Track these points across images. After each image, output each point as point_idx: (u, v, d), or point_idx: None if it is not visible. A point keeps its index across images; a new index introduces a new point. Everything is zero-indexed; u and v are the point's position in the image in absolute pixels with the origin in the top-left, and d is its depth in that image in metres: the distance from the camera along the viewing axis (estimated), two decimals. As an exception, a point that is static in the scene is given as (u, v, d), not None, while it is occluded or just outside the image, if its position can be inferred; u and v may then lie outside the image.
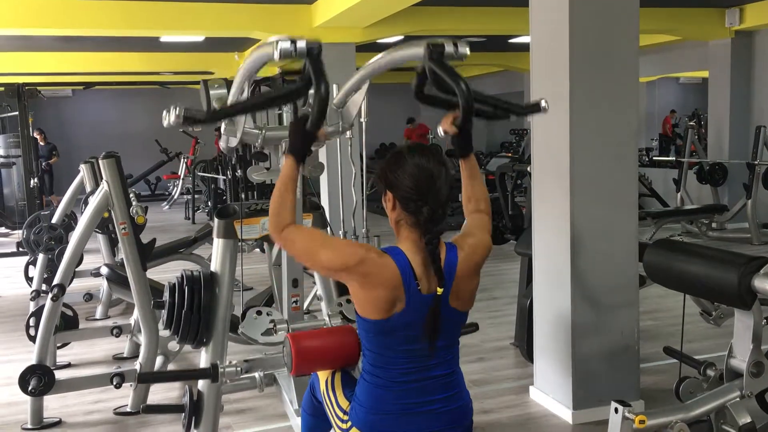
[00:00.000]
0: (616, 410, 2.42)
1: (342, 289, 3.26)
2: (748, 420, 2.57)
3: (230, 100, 2.88)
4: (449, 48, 1.98)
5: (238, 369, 2.91)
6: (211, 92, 3.01)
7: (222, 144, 3.04)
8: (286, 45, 2.00)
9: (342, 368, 2.25)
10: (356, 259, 1.87)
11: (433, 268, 1.88)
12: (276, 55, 2.01)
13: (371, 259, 1.87)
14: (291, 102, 2.35)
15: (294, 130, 1.99)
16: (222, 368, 2.87)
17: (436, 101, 2.11)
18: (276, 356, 3.10)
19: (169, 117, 2.08)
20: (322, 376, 2.26)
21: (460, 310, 1.98)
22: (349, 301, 1.99)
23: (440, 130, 2.12)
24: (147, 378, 2.87)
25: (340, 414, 2.06)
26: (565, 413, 3.74)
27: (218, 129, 2.97)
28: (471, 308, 2.04)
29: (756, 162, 8.61)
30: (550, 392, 3.89)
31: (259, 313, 3.02)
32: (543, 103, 2.34)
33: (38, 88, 11.15)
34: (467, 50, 2.02)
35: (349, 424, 2.00)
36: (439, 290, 1.87)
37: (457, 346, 2.04)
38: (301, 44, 2.00)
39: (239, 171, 9.25)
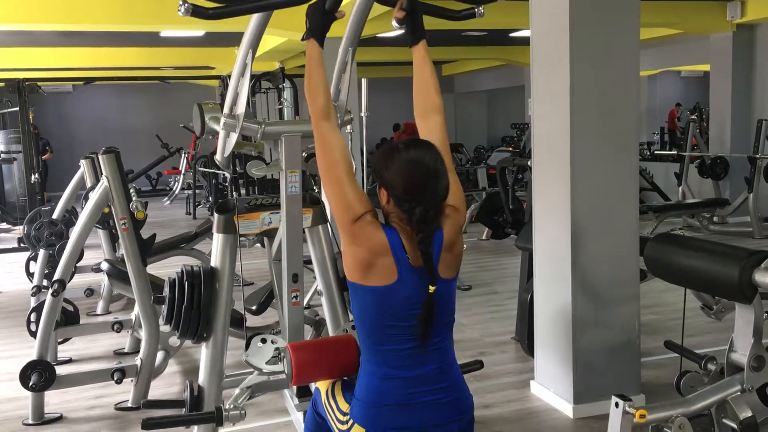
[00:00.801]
0: (617, 404, 2.42)
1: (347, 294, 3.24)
2: (749, 414, 2.57)
3: (227, 101, 2.87)
4: None
5: (242, 413, 2.95)
6: (207, 114, 3.00)
7: (218, 156, 3.03)
8: None
9: (342, 378, 2.25)
10: (353, 216, 1.89)
11: (425, 267, 1.87)
12: None
13: (365, 221, 1.88)
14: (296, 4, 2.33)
15: (313, 11, 2.04)
16: (226, 412, 2.91)
17: None
18: (278, 379, 3.09)
19: (182, 7, 2.07)
20: (323, 387, 2.25)
21: (450, 278, 1.97)
22: (354, 327, 1.99)
23: (394, 23, 2.17)
24: (153, 425, 2.94)
25: (340, 416, 2.04)
26: (565, 407, 3.74)
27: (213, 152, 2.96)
28: (459, 268, 2.03)
29: (758, 156, 8.59)
30: (550, 386, 3.89)
31: (263, 341, 3.02)
32: (480, 9, 2.45)
33: (38, 83, 11.12)
34: None
35: (350, 422, 1.98)
36: (432, 288, 1.87)
37: (450, 327, 2.02)
38: None
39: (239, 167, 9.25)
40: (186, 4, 2.05)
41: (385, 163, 1.91)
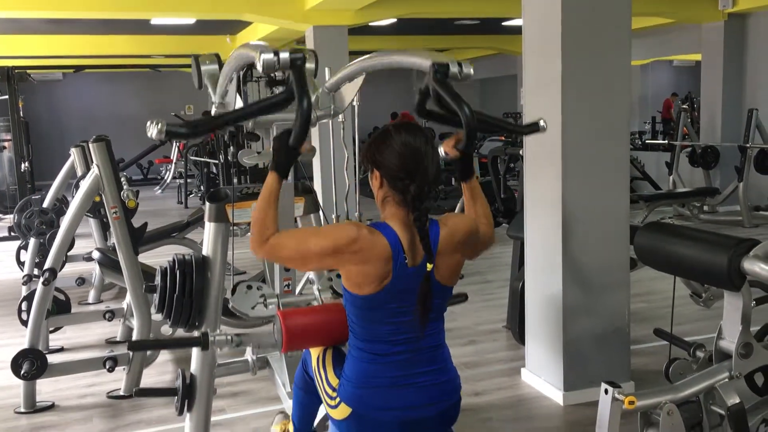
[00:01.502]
0: (606, 391, 2.44)
1: None
2: (737, 401, 2.59)
3: (218, 91, 2.87)
4: (453, 68, 1.98)
5: (229, 338, 2.90)
6: (203, 68, 3.00)
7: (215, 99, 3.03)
8: (270, 56, 2.00)
9: (333, 345, 2.26)
10: (347, 237, 1.88)
11: (422, 244, 1.90)
12: (259, 66, 2.02)
13: (363, 236, 1.89)
14: (272, 112, 2.38)
15: (277, 145, 2.00)
16: (212, 337, 2.87)
17: (438, 118, 2.12)
18: (268, 332, 3.10)
19: (152, 130, 2.06)
20: (314, 352, 2.28)
21: (444, 284, 1.99)
22: (339, 276, 1.99)
23: (441, 152, 2.12)
24: (138, 346, 2.90)
25: (330, 391, 2.07)
26: (556, 395, 3.77)
27: (208, 112, 2.96)
28: (455, 284, 2.05)
29: (748, 145, 8.62)
30: (541, 374, 3.92)
31: (249, 287, 3.03)
32: (542, 123, 2.45)
33: (28, 71, 11.06)
34: (471, 70, 2.04)
35: (338, 400, 2.01)
36: (429, 266, 1.90)
37: (442, 321, 2.06)
38: (285, 55, 2.01)
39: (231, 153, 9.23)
40: (159, 126, 2.03)
41: (379, 147, 1.95)
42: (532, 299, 3.99)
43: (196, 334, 3.13)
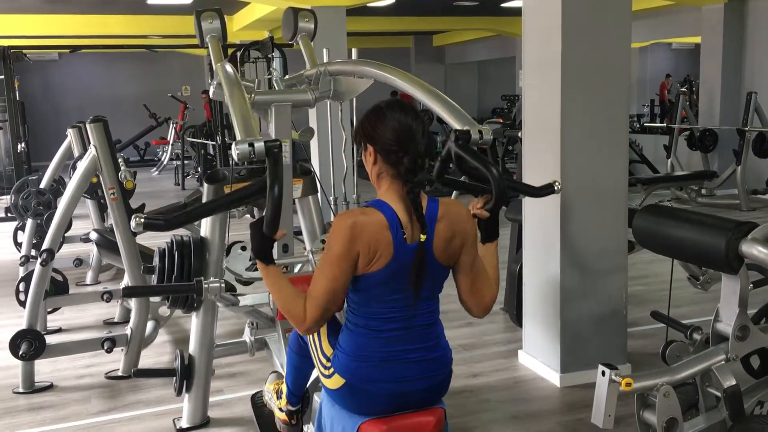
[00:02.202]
0: (603, 373, 2.45)
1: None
2: (733, 383, 2.61)
3: (214, 78, 2.87)
4: (475, 135, 2.17)
5: (222, 285, 2.91)
6: (204, 26, 3.00)
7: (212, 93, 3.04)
8: (244, 147, 2.09)
9: None
10: (345, 228, 1.89)
11: (415, 215, 1.91)
12: (235, 157, 2.12)
13: (359, 222, 1.90)
14: (248, 203, 2.46)
15: (253, 233, 2.01)
16: (206, 284, 2.87)
17: (460, 185, 2.19)
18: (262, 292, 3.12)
19: (131, 224, 2.21)
20: None
21: (442, 264, 2.00)
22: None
23: (471, 210, 2.13)
24: (133, 292, 2.92)
25: (324, 360, 2.10)
26: (553, 376, 3.79)
27: (206, 92, 2.96)
28: (451, 266, 2.05)
29: (746, 128, 8.62)
30: (538, 356, 3.94)
31: (243, 248, 3.05)
32: (557, 186, 2.79)
33: (24, 51, 10.96)
34: (491, 137, 2.24)
35: (332, 370, 2.04)
36: (422, 237, 1.91)
37: (437, 300, 2.07)
38: (260, 146, 2.10)
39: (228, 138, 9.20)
40: (138, 219, 2.19)
41: (372, 122, 1.98)
42: (530, 282, 4.00)
43: (195, 329, 3.15)
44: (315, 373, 2.39)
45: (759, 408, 2.78)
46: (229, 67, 2.71)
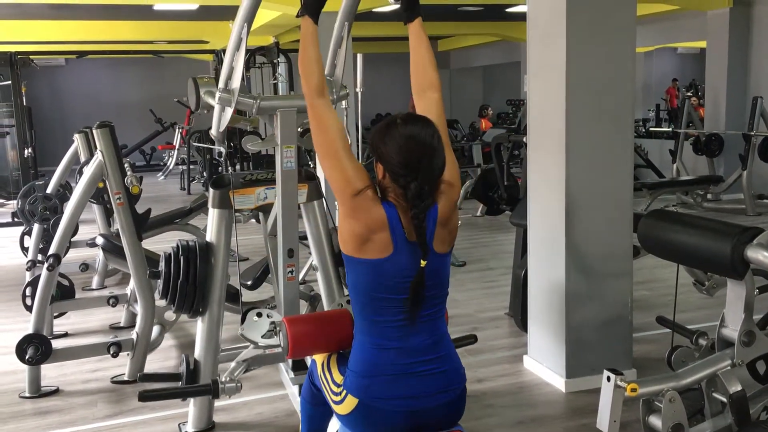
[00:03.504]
0: (609, 379, 2.45)
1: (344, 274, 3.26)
2: (739, 388, 2.60)
3: (222, 76, 2.86)
4: None
5: (238, 385, 2.97)
6: (202, 89, 2.98)
7: (213, 131, 3.02)
8: None
9: (337, 351, 2.27)
10: (354, 190, 1.90)
11: (419, 243, 1.88)
12: None
13: (366, 197, 1.90)
14: None
15: None
16: (222, 385, 2.93)
17: None
18: (274, 353, 3.11)
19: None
20: (319, 359, 2.27)
21: (445, 252, 1.99)
22: (349, 302, 2.01)
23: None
24: (148, 397, 2.97)
25: (335, 388, 2.06)
26: (558, 381, 3.78)
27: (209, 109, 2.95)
28: (454, 243, 2.05)
29: (752, 133, 8.60)
30: (543, 361, 3.93)
31: (259, 315, 3.03)
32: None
33: (31, 56, 11.03)
34: None
35: (344, 393, 2.00)
36: (423, 263, 1.89)
37: (443, 300, 2.04)
38: None
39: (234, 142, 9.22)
40: None
41: (383, 138, 1.92)
42: (535, 286, 4.00)
43: (200, 336, 3.15)
44: (332, 426, 2.35)
45: (765, 414, 2.77)
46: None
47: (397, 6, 2.20)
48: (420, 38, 2.19)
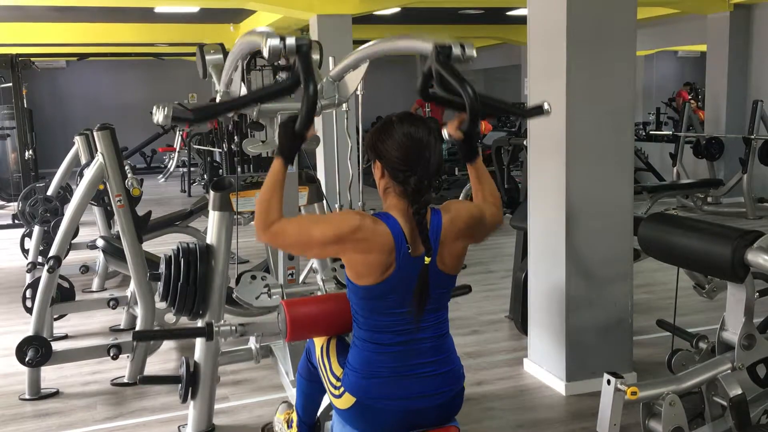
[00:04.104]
0: (609, 382, 2.45)
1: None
2: (739, 392, 2.60)
3: (223, 79, 2.87)
4: (456, 50, 2.01)
5: (233, 328, 2.93)
6: (207, 58, 3.01)
7: (221, 87, 3.03)
8: (275, 42, 2.02)
9: (337, 335, 2.27)
10: (350, 226, 1.88)
11: (421, 238, 1.90)
12: (265, 52, 2.03)
13: (366, 225, 1.89)
14: (277, 98, 2.39)
15: (283, 131, 1.99)
16: (217, 327, 2.88)
17: (441, 100, 2.13)
18: (271, 321, 3.12)
19: (158, 115, 2.10)
20: (318, 342, 2.28)
21: (448, 273, 2.00)
22: (342, 266, 2.00)
23: (445, 134, 2.11)
24: (142, 336, 2.93)
25: (334, 381, 2.08)
26: (558, 385, 3.78)
27: (214, 100, 2.96)
28: (459, 272, 2.05)
29: (752, 136, 8.59)
30: (543, 364, 3.93)
31: (253, 277, 3.05)
32: (546, 106, 2.48)
33: (32, 59, 11.04)
34: (474, 52, 2.07)
35: (342, 389, 2.02)
36: (427, 259, 1.90)
37: (446, 310, 2.06)
38: (291, 41, 2.02)
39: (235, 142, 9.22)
40: (164, 111, 2.08)
41: (381, 137, 1.95)
42: (535, 289, 3.99)
43: (200, 323, 3.15)
44: (326, 401, 2.38)
45: (765, 417, 2.77)
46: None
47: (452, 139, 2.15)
48: (480, 178, 2.16)
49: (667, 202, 9.01)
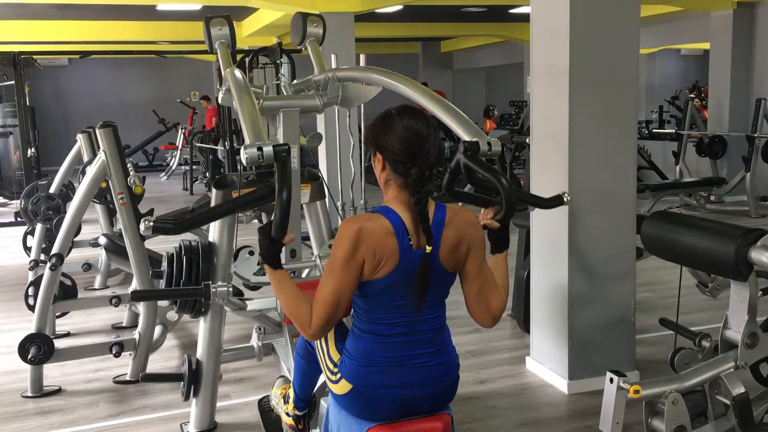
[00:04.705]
0: (611, 380, 2.45)
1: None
2: (742, 390, 2.60)
3: (223, 84, 2.87)
4: (484, 147, 2.19)
5: (230, 288, 2.91)
6: (213, 33, 3.02)
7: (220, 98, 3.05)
8: (253, 152, 2.10)
9: None
10: (351, 232, 1.89)
11: (422, 227, 1.91)
12: (244, 161, 2.12)
13: (365, 227, 1.90)
14: (256, 207, 2.46)
15: (261, 238, 2.00)
16: (214, 288, 2.87)
17: (468, 198, 2.20)
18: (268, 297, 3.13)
19: (141, 227, 2.22)
20: None
21: (449, 270, 2.00)
22: None
23: (481, 220, 2.11)
24: (141, 296, 2.94)
25: (331, 366, 2.10)
26: (560, 383, 3.78)
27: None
28: (459, 270, 2.04)
29: (755, 135, 8.58)
30: (546, 363, 3.93)
31: (251, 253, 3.06)
32: (566, 198, 2.79)
33: (34, 56, 11.03)
34: (499, 148, 2.25)
35: (339, 376, 2.04)
36: (428, 248, 1.90)
37: (444, 305, 2.07)
38: (268, 150, 2.10)
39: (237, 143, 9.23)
40: (147, 223, 2.19)
41: (381, 129, 1.96)
42: (538, 288, 3.99)
43: (202, 334, 3.15)
44: (322, 378, 2.40)
45: (768, 416, 2.76)
46: (238, 73, 2.72)
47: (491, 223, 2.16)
48: (501, 270, 2.13)
49: (669, 200, 8.99)
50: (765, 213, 8.57)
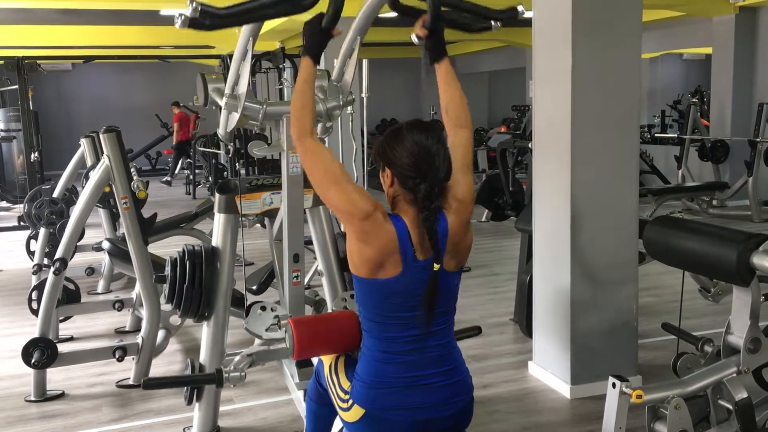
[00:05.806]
0: (614, 385, 2.45)
1: (347, 278, 3.25)
2: (745, 395, 2.60)
3: (228, 82, 2.87)
4: None
5: (243, 375, 2.95)
6: (210, 86, 2.99)
7: (221, 131, 3.03)
8: None
9: (345, 353, 2.27)
10: (362, 213, 1.89)
11: (430, 244, 1.89)
12: None
13: (376, 219, 1.89)
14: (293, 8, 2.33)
15: (309, 29, 2.03)
16: (227, 374, 2.91)
17: (408, 11, 2.21)
18: (279, 348, 3.11)
19: (179, 21, 2.09)
20: (326, 361, 2.27)
21: (455, 270, 2.00)
22: (353, 296, 2.00)
23: (414, 38, 2.17)
24: (152, 384, 2.98)
25: (342, 395, 2.06)
26: (563, 388, 3.77)
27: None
28: (464, 264, 2.05)
29: (758, 139, 8.58)
30: (548, 367, 3.93)
31: (263, 308, 3.03)
32: (520, 8, 2.53)
33: (38, 61, 11.07)
34: None
35: (350, 402, 2.01)
36: (436, 266, 1.89)
37: (453, 313, 2.05)
38: None
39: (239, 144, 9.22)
40: (183, 17, 2.07)
41: (390, 144, 1.95)
42: (540, 292, 3.99)
43: (206, 342, 3.14)
44: (338, 425, 2.36)
45: (771, 421, 2.76)
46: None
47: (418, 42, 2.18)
48: (447, 79, 2.18)
49: (672, 205, 8.99)
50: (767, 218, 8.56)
